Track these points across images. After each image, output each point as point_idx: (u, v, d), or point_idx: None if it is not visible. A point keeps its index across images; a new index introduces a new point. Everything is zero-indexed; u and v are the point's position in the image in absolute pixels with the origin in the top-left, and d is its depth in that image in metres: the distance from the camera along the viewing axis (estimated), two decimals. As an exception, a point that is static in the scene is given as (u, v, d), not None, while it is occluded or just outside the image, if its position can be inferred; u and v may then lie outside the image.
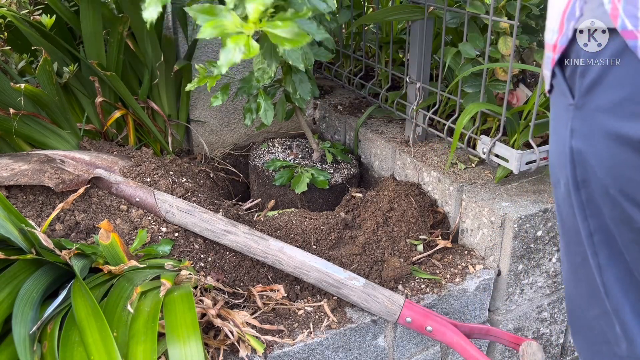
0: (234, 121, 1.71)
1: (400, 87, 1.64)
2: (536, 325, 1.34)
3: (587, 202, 0.65)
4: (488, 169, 1.34)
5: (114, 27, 1.37)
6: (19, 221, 0.94)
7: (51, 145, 1.41)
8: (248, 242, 1.08)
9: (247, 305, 1.06)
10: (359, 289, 1.03)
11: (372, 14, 1.70)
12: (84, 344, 0.78)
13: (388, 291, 1.04)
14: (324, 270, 1.04)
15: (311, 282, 1.06)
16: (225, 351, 0.94)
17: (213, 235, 1.11)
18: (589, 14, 0.58)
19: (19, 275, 0.88)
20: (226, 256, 1.14)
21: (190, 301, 0.86)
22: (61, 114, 1.41)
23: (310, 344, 1.00)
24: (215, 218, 1.12)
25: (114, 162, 1.30)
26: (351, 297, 1.04)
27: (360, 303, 1.04)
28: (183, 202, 1.17)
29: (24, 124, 1.34)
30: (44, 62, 1.28)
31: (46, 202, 1.16)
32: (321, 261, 1.06)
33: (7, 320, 0.81)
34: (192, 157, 1.66)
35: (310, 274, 1.04)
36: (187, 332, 0.81)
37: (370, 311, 1.04)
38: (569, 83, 0.63)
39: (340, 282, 1.03)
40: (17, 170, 1.15)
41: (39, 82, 1.34)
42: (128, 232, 1.14)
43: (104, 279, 0.97)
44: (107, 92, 1.46)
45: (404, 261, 1.19)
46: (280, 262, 1.06)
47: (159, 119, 1.57)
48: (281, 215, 1.28)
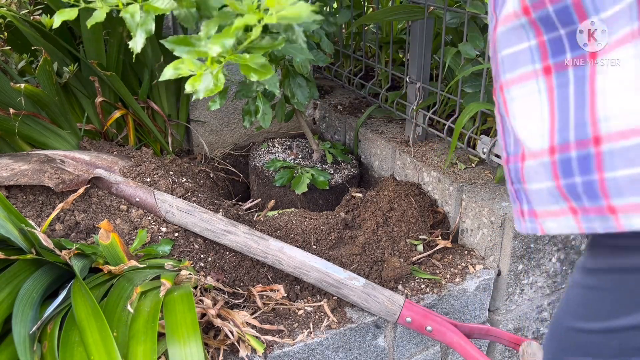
0: (233, 121, 1.71)
1: (400, 87, 1.64)
2: (536, 325, 1.34)
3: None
4: (488, 169, 1.34)
5: (114, 27, 1.37)
6: (19, 221, 0.94)
7: (51, 145, 1.41)
8: (248, 242, 1.08)
9: (247, 305, 1.06)
10: (359, 289, 1.03)
11: (372, 14, 1.70)
12: (84, 344, 0.78)
13: (388, 291, 1.04)
14: (324, 270, 1.04)
15: (311, 282, 1.06)
16: (225, 351, 0.94)
17: (213, 235, 1.11)
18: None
19: (19, 275, 0.89)
20: (226, 256, 1.14)
21: (190, 301, 0.86)
22: (61, 114, 1.40)
23: (310, 344, 1.00)
24: (215, 218, 1.12)
25: (114, 162, 1.30)
26: (351, 297, 1.04)
27: (360, 303, 1.04)
28: (183, 202, 1.17)
29: (24, 124, 1.34)
30: (44, 62, 1.28)
31: (46, 202, 1.16)
32: (321, 261, 1.06)
33: (7, 320, 0.81)
34: (192, 157, 1.66)
35: (310, 274, 1.05)
36: (187, 332, 0.81)
37: (370, 311, 1.04)
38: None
39: (340, 282, 1.03)
40: (17, 170, 1.15)
41: (39, 82, 1.34)
42: (128, 232, 1.14)
43: (103, 279, 0.97)
44: (107, 92, 1.46)
45: (404, 261, 1.19)
46: (280, 262, 1.06)
47: (159, 119, 1.57)
48: (281, 215, 1.28)
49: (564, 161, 0.58)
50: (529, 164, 0.64)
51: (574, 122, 0.57)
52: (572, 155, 0.58)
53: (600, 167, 0.55)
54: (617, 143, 0.54)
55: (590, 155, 0.56)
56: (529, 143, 0.62)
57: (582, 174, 0.57)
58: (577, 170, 0.57)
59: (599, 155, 0.55)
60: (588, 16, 0.54)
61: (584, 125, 0.56)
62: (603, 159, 0.55)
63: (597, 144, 0.55)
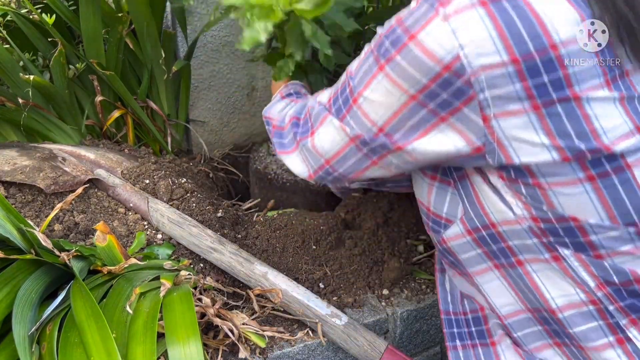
0: (233, 121, 1.70)
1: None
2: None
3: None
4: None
5: (114, 26, 1.36)
6: (18, 221, 0.94)
7: (54, 140, 1.41)
8: (232, 262, 1.05)
9: (247, 306, 1.06)
10: (339, 328, 0.98)
11: (372, 13, 1.70)
12: (83, 344, 0.77)
13: (370, 334, 0.99)
14: (305, 302, 1.00)
15: (292, 311, 1.03)
16: (225, 352, 0.94)
17: (199, 250, 1.08)
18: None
19: (18, 275, 0.88)
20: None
21: (189, 301, 0.86)
22: (67, 109, 1.41)
23: (310, 344, 1.00)
24: (204, 233, 1.09)
25: (118, 163, 1.29)
26: (330, 335, 0.99)
27: (339, 343, 0.99)
28: (175, 212, 1.14)
29: (29, 116, 1.35)
30: (59, 54, 1.29)
31: (45, 202, 1.15)
32: (304, 292, 1.02)
33: (5, 320, 0.81)
34: (192, 157, 1.66)
35: (291, 305, 1.01)
36: (186, 333, 0.81)
37: (349, 352, 0.99)
38: None
39: (321, 318, 0.99)
40: (18, 166, 1.15)
41: (52, 73, 1.34)
42: (126, 234, 1.13)
43: (102, 280, 0.97)
44: (106, 91, 1.46)
45: (404, 262, 1.19)
46: (262, 288, 1.04)
47: (158, 119, 1.57)
48: (281, 215, 1.28)
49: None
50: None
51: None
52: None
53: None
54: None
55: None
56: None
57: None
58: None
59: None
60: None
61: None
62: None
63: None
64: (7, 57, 1.32)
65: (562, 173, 0.60)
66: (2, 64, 1.31)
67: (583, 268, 0.64)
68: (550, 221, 0.63)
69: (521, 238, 0.67)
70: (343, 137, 0.72)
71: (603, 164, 0.60)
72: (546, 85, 0.57)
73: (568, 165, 0.60)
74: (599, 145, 0.58)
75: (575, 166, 0.60)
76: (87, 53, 1.38)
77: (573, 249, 0.64)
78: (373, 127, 0.67)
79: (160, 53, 1.43)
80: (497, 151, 0.61)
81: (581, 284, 0.65)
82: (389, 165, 0.71)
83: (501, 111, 0.59)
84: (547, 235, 0.65)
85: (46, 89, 1.33)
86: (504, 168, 0.63)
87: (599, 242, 0.62)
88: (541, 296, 0.69)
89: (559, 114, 0.58)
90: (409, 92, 0.62)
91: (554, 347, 0.72)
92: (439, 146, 0.64)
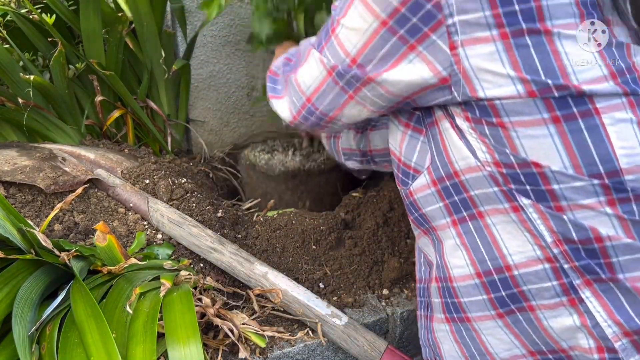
0: (233, 121, 1.70)
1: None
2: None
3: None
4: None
5: (114, 26, 1.36)
6: (18, 221, 0.94)
7: (54, 140, 1.41)
8: (233, 263, 1.05)
9: (247, 306, 1.06)
10: (339, 328, 0.98)
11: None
12: (83, 344, 0.77)
13: (371, 334, 0.99)
14: (305, 302, 1.01)
15: (293, 311, 1.03)
16: (225, 352, 0.94)
17: (199, 250, 1.08)
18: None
19: (18, 275, 0.88)
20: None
21: (189, 301, 0.86)
22: (67, 109, 1.41)
23: (310, 344, 1.00)
24: (204, 233, 1.09)
25: (118, 163, 1.29)
26: (330, 335, 1.00)
27: (339, 343, 0.99)
28: (175, 212, 1.14)
29: (29, 116, 1.35)
30: (59, 54, 1.29)
31: (45, 202, 1.15)
32: (304, 292, 1.02)
33: (5, 320, 0.81)
34: (192, 157, 1.66)
35: (291, 305, 1.02)
36: (186, 333, 0.81)
37: (349, 352, 1.00)
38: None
39: (321, 318, 0.99)
40: (18, 166, 1.15)
41: (52, 73, 1.34)
42: (126, 234, 1.13)
43: (102, 280, 0.96)
44: (106, 91, 1.46)
45: (404, 262, 1.19)
46: (262, 288, 1.04)
47: (158, 119, 1.57)
48: (281, 215, 1.28)
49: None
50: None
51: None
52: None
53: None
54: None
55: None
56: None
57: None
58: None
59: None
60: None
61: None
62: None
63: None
64: (7, 57, 1.32)
65: (527, 112, 0.59)
66: (2, 64, 1.31)
67: (542, 221, 0.63)
68: (513, 166, 0.62)
69: (482, 187, 0.66)
70: (322, 71, 0.75)
71: (570, 105, 0.58)
72: (516, 14, 0.57)
73: (533, 103, 0.59)
74: (566, 83, 0.57)
75: (540, 105, 0.59)
76: (87, 53, 1.38)
77: (534, 197, 0.63)
78: (347, 57, 0.69)
79: (160, 53, 1.43)
80: (462, 82, 0.61)
81: (538, 237, 0.64)
82: (364, 99, 0.73)
83: (468, 38, 0.59)
84: (509, 182, 0.64)
85: (46, 89, 1.33)
86: (469, 106, 0.63)
87: (561, 192, 0.61)
88: (499, 251, 0.67)
89: (527, 46, 0.58)
90: (380, 17, 0.63)
91: (496, 319, 0.71)
92: (408, 76, 0.65)
